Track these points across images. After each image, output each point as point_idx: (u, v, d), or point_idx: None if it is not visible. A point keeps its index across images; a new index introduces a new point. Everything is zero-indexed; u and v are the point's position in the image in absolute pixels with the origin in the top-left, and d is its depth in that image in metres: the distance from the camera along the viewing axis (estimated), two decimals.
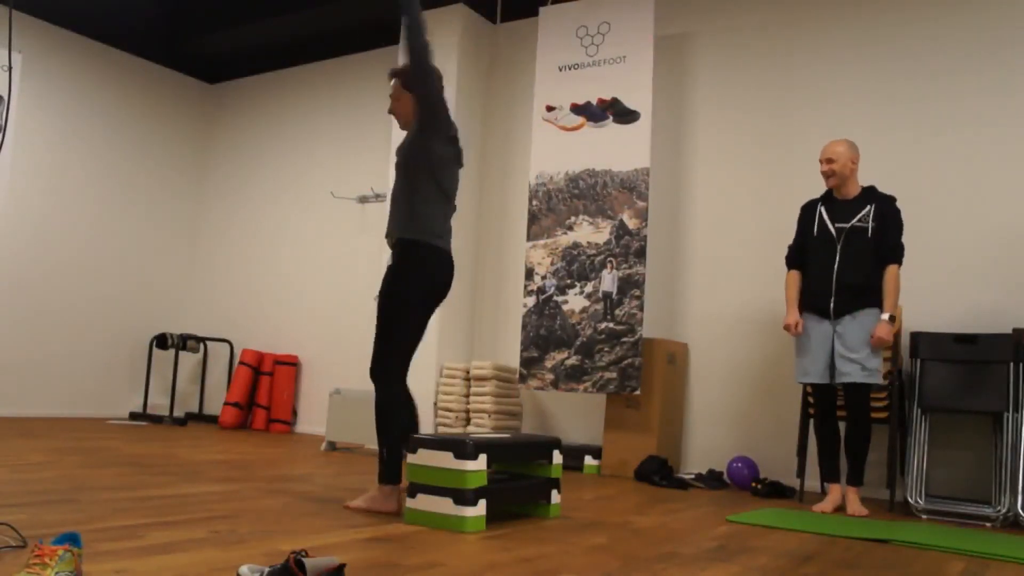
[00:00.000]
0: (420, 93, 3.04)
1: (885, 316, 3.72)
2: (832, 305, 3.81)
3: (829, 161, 3.90)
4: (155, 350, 7.15)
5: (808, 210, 4.05)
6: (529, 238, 5.31)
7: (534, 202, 5.32)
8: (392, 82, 3.19)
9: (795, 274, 4.03)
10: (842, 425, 4.09)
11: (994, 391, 3.84)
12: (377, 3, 6.41)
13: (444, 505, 2.67)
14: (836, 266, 3.83)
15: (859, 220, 3.83)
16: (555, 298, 5.13)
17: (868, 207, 3.84)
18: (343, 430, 5.31)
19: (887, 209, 3.83)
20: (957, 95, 4.52)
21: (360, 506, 2.95)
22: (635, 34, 5.12)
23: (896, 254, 3.78)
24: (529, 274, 5.27)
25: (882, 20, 4.79)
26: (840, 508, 3.82)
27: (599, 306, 4.97)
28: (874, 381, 3.75)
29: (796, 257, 4.05)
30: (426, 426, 5.60)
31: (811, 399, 4.07)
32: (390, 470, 2.96)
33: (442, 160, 3.08)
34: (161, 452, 4.47)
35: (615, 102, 5.14)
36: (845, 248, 3.83)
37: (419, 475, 2.75)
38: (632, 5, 5.17)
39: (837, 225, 3.87)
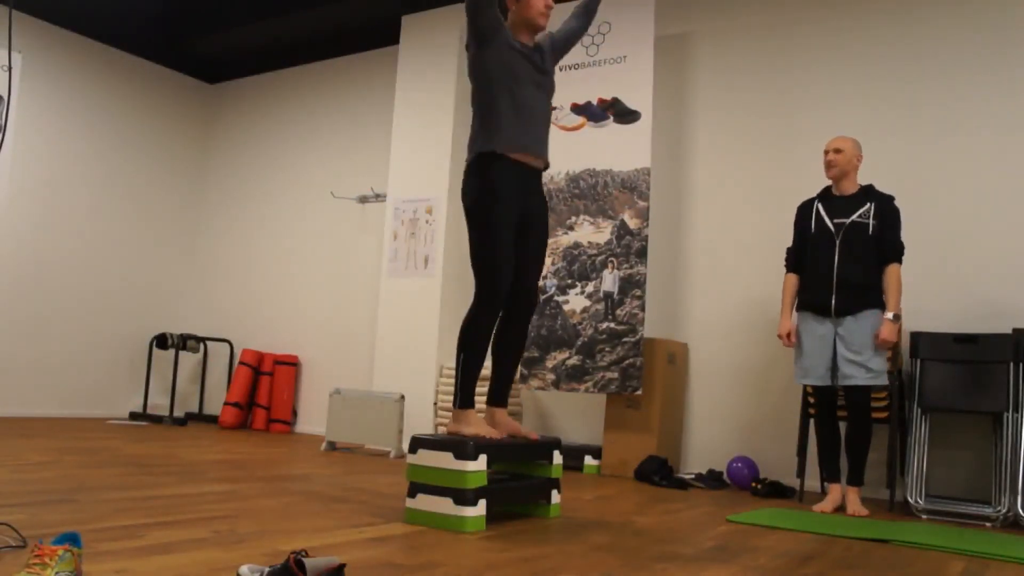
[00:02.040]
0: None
1: (889, 315, 3.70)
2: (833, 303, 3.79)
3: (836, 151, 3.86)
4: (155, 350, 7.15)
5: (805, 209, 4.02)
6: None
7: None
8: None
9: (793, 278, 4.01)
10: (840, 425, 4.08)
11: (994, 391, 3.83)
12: (377, 3, 6.41)
13: (444, 505, 2.67)
14: (836, 263, 3.80)
15: (859, 216, 3.80)
16: (556, 298, 5.13)
17: (868, 204, 3.82)
18: (343, 430, 5.31)
19: (886, 207, 3.82)
20: (958, 96, 4.51)
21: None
22: (635, 34, 5.12)
23: (897, 253, 3.77)
24: None
25: (883, 20, 4.79)
26: (840, 508, 3.82)
27: (600, 306, 4.97)
28: (879, 383, 3.73)
29: (795, 260, 4.01)
30: (426, 426, 5.60)
31: (812, 399, 4.07)
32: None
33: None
34: (161, 452, 4.47)
35: (615, 102, 5.14)
36: (844, 244, 3.80)
37: (419, 475, 2.75)
38: (632, 5, 5.17)
39: (836, 221, 3.85)
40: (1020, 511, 3.61)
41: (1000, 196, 4.34)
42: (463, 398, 3.00)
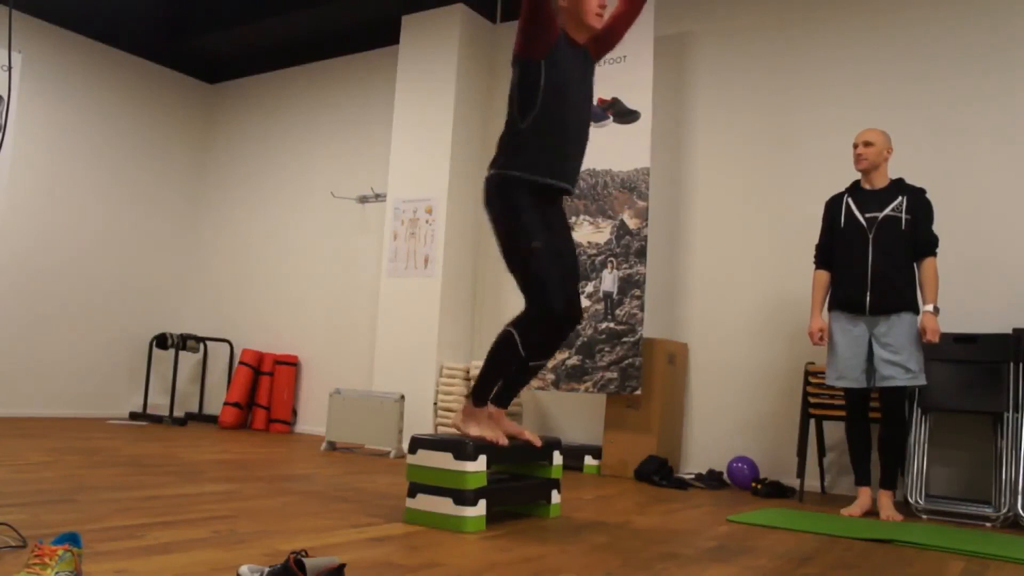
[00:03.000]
0: None
1: (929, 308, 3.61)
2: (868, 300, 3.68)
3: (867, 144, 3.77)
4: (155, 350, 7.15)
5: (833, 204, 3.92)
6: None
7: None
8: None
9: (823, 274, 3.91)
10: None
11: (994, 391, 3.83)
12: (377, 3, 6.41)
13: (444, 505, 2.67)
14: (870, 259, 3.70)
15: (892, 210, 3.71)
16: None
17: (900, 198, 3.73)
18: (343, 430, 5.31)
19: (919, 201, 3.73)
20: (957, 97, 4.52)
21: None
22: (635, 34, 5.12)
23: (932, 246, 3.69)
24: None
25: (883, 21, 4.79)
26: (870, 512, 3.74)
27: (600, 306, 4.97)
28: (918, 383, 3.65)
29: (824, 256, 3.92)
30: (426, 426, 5.60)
31: (823, 401, 4.06)
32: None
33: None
34: (161, 452, 4.47)
35: (615, 102, 5.14)
36: (878, 239, 3.70)
37: (419, 475, 2.75)
38: None
39: (867, 215, 3.75)
40: (1020, 511, 3.61)
41: (1000, 196, 4.34)
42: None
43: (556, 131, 2.83)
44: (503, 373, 2.91)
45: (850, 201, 3.84)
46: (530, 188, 2.83)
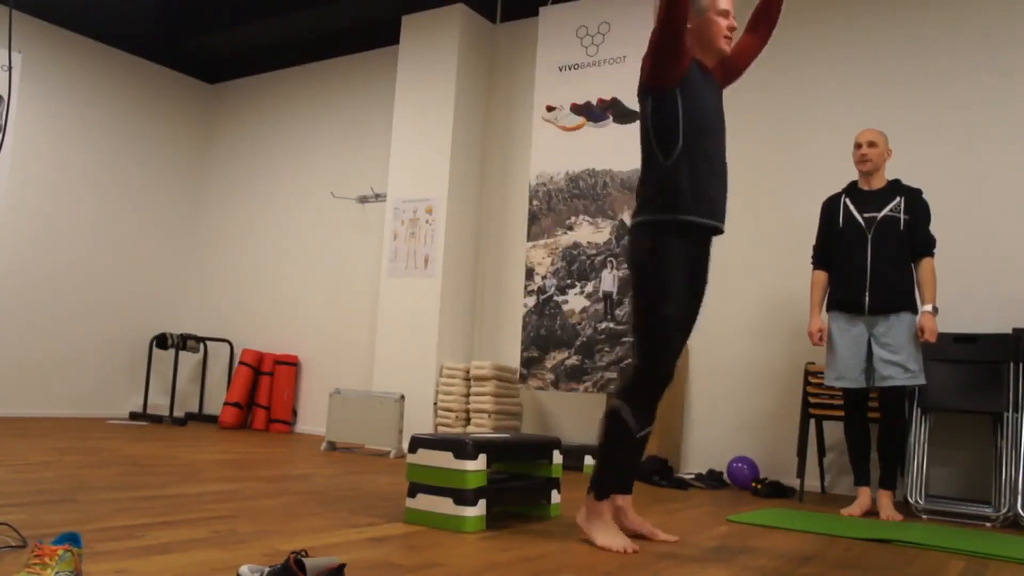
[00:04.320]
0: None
1: (928, 308, 3.63)
2: (867, 300, 3.70)
3: (871, 145, 3.78)
4: (155, 350, 7.15)
5: (831, 204, 3.93)
6: (529, 238, 5.31)
7: (534, 202, 5.32)
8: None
9: (821, 275, 3.92)
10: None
11: (994, 391, 3.83)
12: (377, 3, 6.41)
13: (444, 505, 2.67)
14: (868, 259, 3.71)
15: (890, 210, 3.73)
16: (555, 298, 5.13)
17: (897, 198, 3.75)
18: (343, 430, 5.31)
19: (916, 201, 3.75)
20: (956, 96, 4.52)
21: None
22: (635, 34, 5.12)
23: (930, 246, 3.71)
24: (529, 274, 5.27)
25: (882, 21, 4.79)
26: (870, 512, 3.74)
27: (599, 306, 4.97)
28: (917, 382, 3.66)
29: (822, 256, 3.93)
30: (426, 426, 5.60)
31: (823, 401, 4.06)
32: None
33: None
34: (161, 452, 4.47)
35: (615, 102, 5.14)
36: (877, 239, 3.72)
37: (419, 475, 2.75)
38: (632, 5, 5.17)
39: (866, 215, 3.77)
40: (1020, 511, 3.61)
41: (1000, 196, 4.34)
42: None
43: (702, 165, 2.61)
44: (622, 453, 2.64)
45: (848, 201, 3.86)
46: (687, 231, 2.62)
